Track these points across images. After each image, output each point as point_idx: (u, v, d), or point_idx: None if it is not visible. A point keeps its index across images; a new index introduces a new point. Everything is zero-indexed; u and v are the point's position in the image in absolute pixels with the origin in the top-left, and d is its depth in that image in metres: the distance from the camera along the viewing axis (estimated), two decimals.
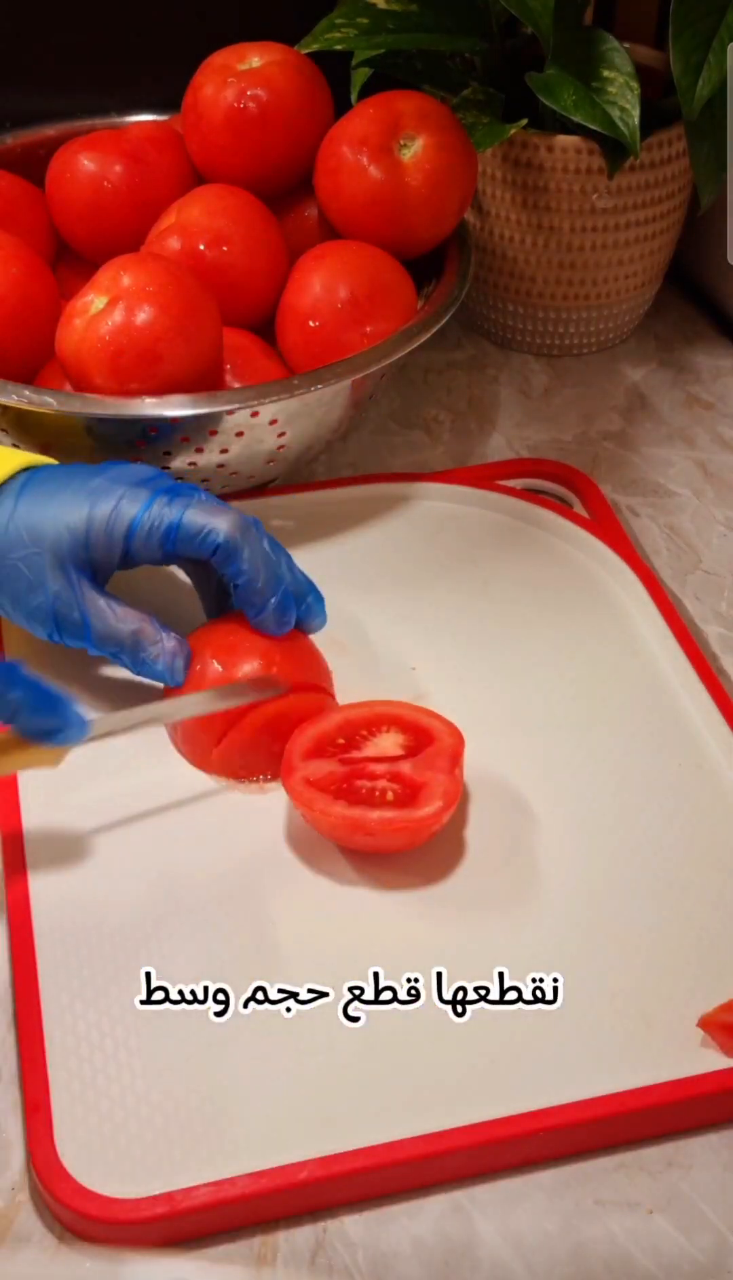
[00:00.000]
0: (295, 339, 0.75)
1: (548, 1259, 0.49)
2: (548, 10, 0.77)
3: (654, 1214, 0.50)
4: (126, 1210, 0.48)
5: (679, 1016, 0.54)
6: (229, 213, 0.76)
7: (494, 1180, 0.51)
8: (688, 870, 0.60)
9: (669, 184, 0.88)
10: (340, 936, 0.57)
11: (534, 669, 0.70)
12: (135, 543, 0.62)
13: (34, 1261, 0.49)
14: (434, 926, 0.58)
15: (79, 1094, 0.52)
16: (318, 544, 0.77)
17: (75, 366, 0.69)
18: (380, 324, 0.74)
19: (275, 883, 0.59)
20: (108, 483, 0.63)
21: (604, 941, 0.57)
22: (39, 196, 0.83)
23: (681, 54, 0.76)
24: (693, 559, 0.79)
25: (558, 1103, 0.51)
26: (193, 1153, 0.50)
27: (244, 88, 0.77)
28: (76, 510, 0.62)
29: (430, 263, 0.80)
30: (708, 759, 0.65)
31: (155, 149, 0.81)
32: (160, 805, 0.63)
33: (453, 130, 0.77)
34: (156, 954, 0.56)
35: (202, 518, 0.62)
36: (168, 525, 0.62)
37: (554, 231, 0.88)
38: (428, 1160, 0.50)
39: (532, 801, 0.63)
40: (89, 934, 0.57)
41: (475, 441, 0.89)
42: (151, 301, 0.68)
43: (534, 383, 0.94)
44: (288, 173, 0.80)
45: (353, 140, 0.76)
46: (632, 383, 0.94)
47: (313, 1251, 0.49)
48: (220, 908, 0.58)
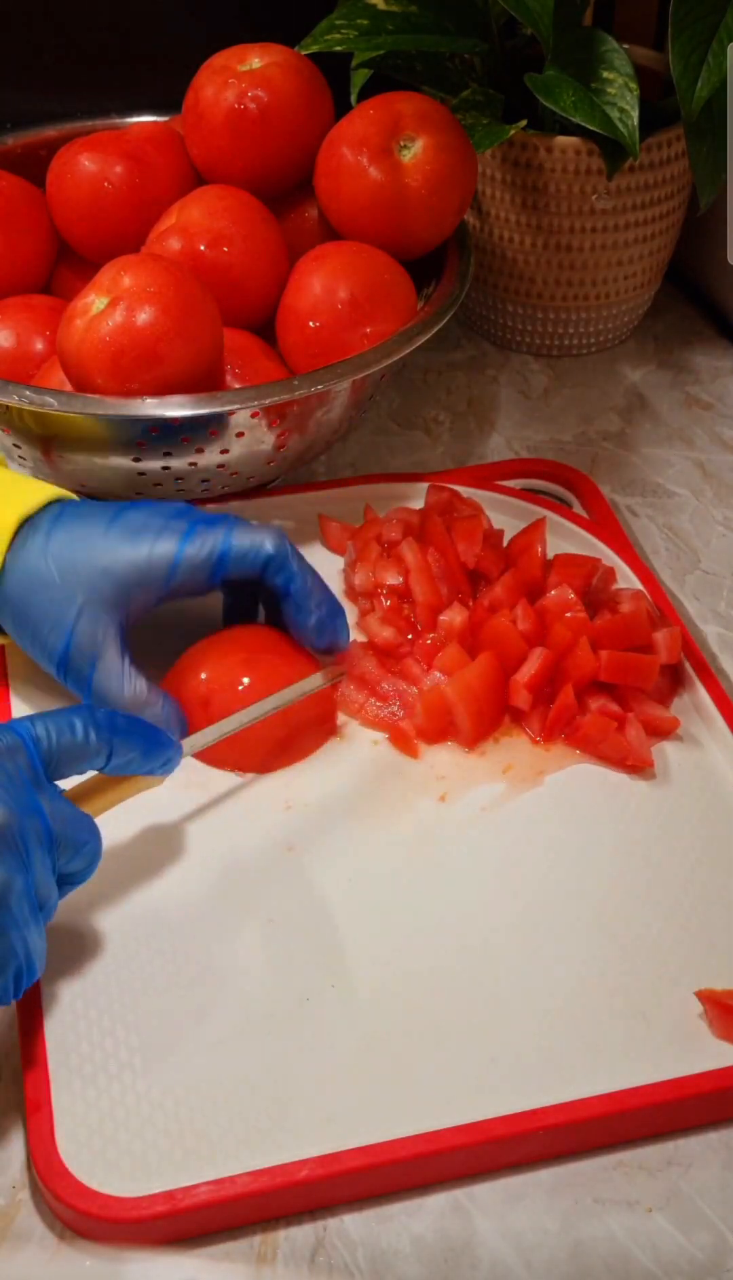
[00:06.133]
0: (295, 339, 0.75)
1: (547, 1258, 0.49)
2: (548, 11, 0.77)
3: (653, 1212, 0.50)
4: (127, 1209, 0.48)
5: (678, 1016, 0.54)
6: (229, 213, 0.76)
7: (494, 1179, 0.51)
8: (687, 868, 0.60)
9: (669, 185, 0.88)
10: (341, 935, 0.57)
11: None
12: (178, 577, 0.62)
13: (34, 1260, 0.49)
14: (434, 926, 0.58)
15: (80, 1092, 0.52)
16: (318, 544, 0.77)
17: (76, 367, 0.69)
18: (380, 325, 0.74)
19: (276, 882, 0.60)
20: (144, 518, 0.63)
21: (604, 941, 0.57)
22: (39, 197, 0.83)
23: (680, 54, 0.76)
24: (692, 559, 0.80)
25: (557, 1102, 0.51)
26: (193, 1151, 0.50)
27: (245, 89, 0.77)
28: (114, 551, 0.62)
29: (430, 263, 0.80)
30: (708, 758, 0.65)
31: (156, 150, 0.81)
32: (161, 805, 0.63)
33: (453, 131, 0.77)
34: (157, 953, 0.56)
35: (247, 537, 0.63)
36: (219, 552, 0.62)
37: (554, 232, 0.88)
38: (428, 1159, 0.50)
39: (531, 799, 0.63)
40: (90, 932, 0.57)
41: (475, 442, 0.89)
42: (152, 302, 0.68)
43: (534, 383, 0.94)
44: (288, 173, 0.80)
45: (353, 141, 0.76)
46: (631, 383, 0.94)
47: (313, 1250, 0.49)
48: (222, 907, 0.58)
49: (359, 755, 0.65)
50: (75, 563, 0.62)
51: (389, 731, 0.66)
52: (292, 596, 0.64)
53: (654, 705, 0.66)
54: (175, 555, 0.62)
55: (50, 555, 0.62)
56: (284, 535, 0.64)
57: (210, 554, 0.62)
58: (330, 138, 0.78)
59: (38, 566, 0.62)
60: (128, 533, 0.62)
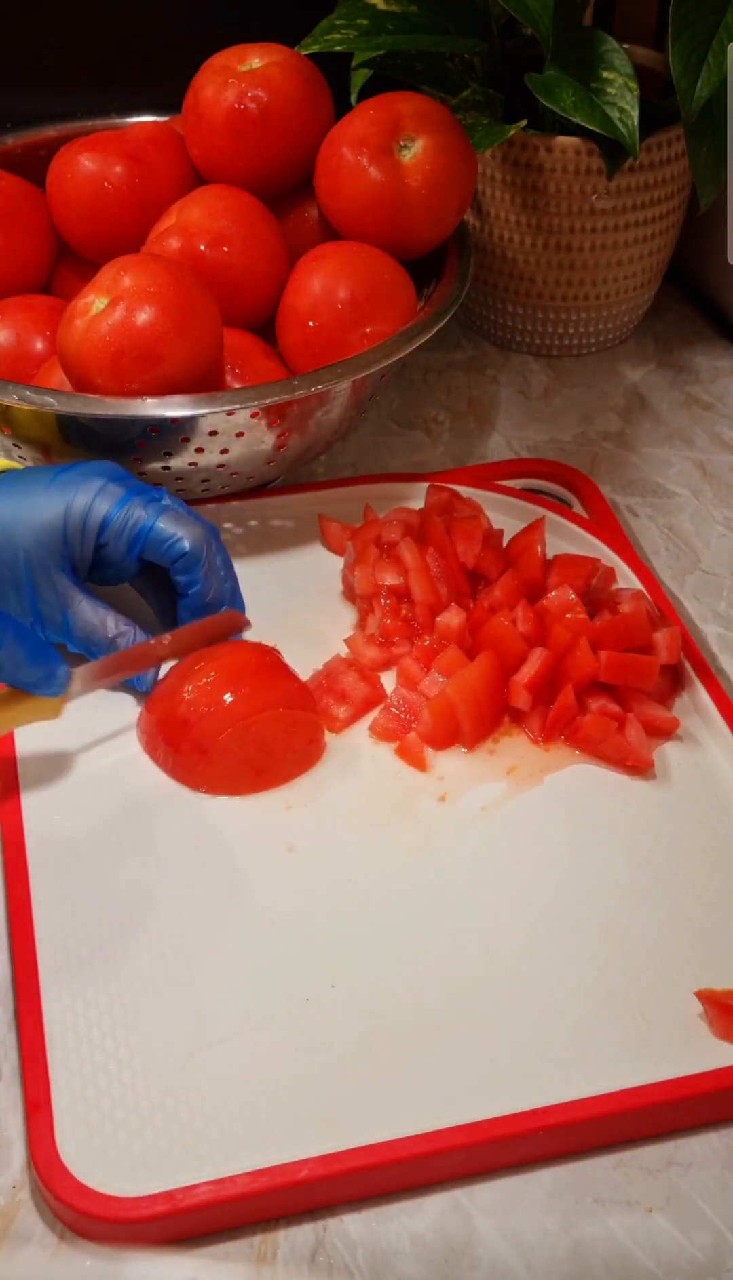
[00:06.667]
0: (295, 339, 0.75)
1: (547, 1257, 0.49)
2: (548, 11, 0.77)
3: (653, 1212, 0.50)
4: (127, 1209, 0.48)
5: (678, 1015, 0.54)
6: (229, 213, 0.76)
7: (494, 1179, 0.51)
8: (688, 869, 0.60)
9: (669, 185, 0.88)
10: (341, 935, 0.57)
11: None
12: (106, 538, 0.64)
13: (34, 1260, 0.49)
14: (434, 926, 0.58)
15: (80, 1092, 0.52)
16: (318, 544, 0.77)
17: (76, 367, 0.70)
18: (380, 324, 0.74)
19: (276, 882, 0.60)
20: (79, 477, 0.64)
21: (604, 941, 0.57)
22: (39, 197, 0.83)
23: (680, 55, 0.76)
24: (692, 559, 0.80)
25: (557, 1101, 0.51)
26: (193, 1151, 0.50)
27: (245, 89, 0.77)
28: (51, 506, 0.64)
29: (430, 263, 0.80)
30: (708, 758, 0.65)
31: (156, 150, 0.81)
32: (161, 805, 0.63)
33: (453, 131, 0.77)
34: (157, 953, 0.56)
35: (172, 526, 0.64)
36: (141, 527, 0.64)
37: (554, 232, 0.88)
38: (427, 1159, 0.50)
39: (531, 800, 0.63)
40: (90, 932, 0.57)
41: (475, 442, 0.89)
42: (152, 302, 0.68)
43: (534, 383, 0.94)
44: (288, 173, 0.80)
45: (353, 141, 0.76)
46: (631, 383, 0.94)
47: (313, 1250, 0.49)
48: (222, 907, 0.58)
49: (360, 755, 0.65)
50: (14, 521, 0.63)
51: (397, 743, 0.66)
52: (186, 601, 0.66)
53: (654, 705, 0.66)
54: (107, 517, 0.64)
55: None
56: (212, 537, 0.66)
57: (135, 525, 0.64)
58: (330, 138, 0.78)
59: None
60: (63, 489, 0.64)
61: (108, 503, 0.64)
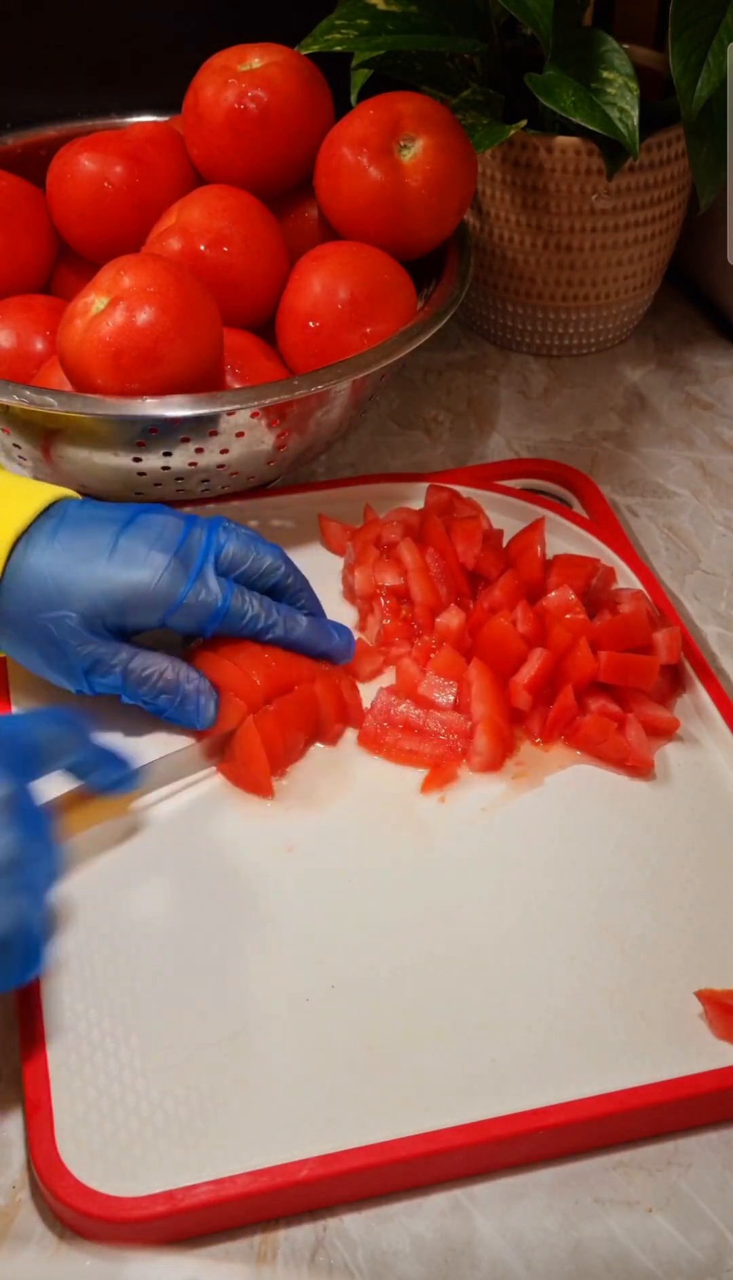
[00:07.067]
0: (295, 339, 0.75)
1: (547, 1257, 0.49)
2: (548, 11, 0.77)
3: (653, 1212, 0.50)
4: (127, 1209, 0.48)
5: (678, 1015, 0.54)
6: (229, 213, 0.76)
7: (494, 1179, 0.51)
8: (687, 869, 0.60)
9: (669, 185, 0.88)
10: (341, 935, 0.57)
11: None
12: (174, 621, 0.63)
13: (34, 1260, 0.49)
14: (434, 926, 0.58)
15: (80, 1092, 0.52)
16: (318, 544, 0.77)
17: (76, 367, 0.70)
18: (380, 325, 0.74)
19: (276, 882, 0.60)
20: (147, 547, 0.62)
21: (604, 941, 0.57)
22: (39, 197, 0.83)
23: (680, 55, 0.76)
24: (692, 559, 0.80)
25: (557, 1101, 0.51)
26: (193, 1151, 0.50)
27: (245, 89, 0.77)
28: (111, 578, 0.61)
29: (430, 263, 0.80)
30: (708, 758, 0.65)
31: (156, 150, 0.81)
32: (160, 805, 0.63)
33: (453, 131, 0.77)
34: (157, 953, 0.56)
35: (243, 605, 0.63)
36: (214, 611, 0.63)
37: (554, 232, 0.88)
38: (427, 1159, 0.50)
39: (531, 800, 0.63)
40: (90, 932, 0.57)
41: (475, 442, 0.89)
42: (152, 302, 0.68)
43: (534, 383, 0.94)
44: (288, 173, 0.80)
45: (353, 141, 0.76)
46: (631, 383, 0.94)
47: (313, 1250, 0.49)
48: (222, 907, 0.58)
49: (360, 755, 0.65)
50: (74, 581, 0.61)
51: (431, 768, 0.64)
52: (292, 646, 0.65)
53: (654, 706, 0.66)
54: (179, 596, 0.62)
55: (51, 570, 0.61)
56: (272, 606, 0.65)
57: (208, 608, 0.62)
58: (330, 138, 0.78)
59: (35, 585, 0.61)
60: (132, 560, 0.61)
61: (176, 585, 0.61)
